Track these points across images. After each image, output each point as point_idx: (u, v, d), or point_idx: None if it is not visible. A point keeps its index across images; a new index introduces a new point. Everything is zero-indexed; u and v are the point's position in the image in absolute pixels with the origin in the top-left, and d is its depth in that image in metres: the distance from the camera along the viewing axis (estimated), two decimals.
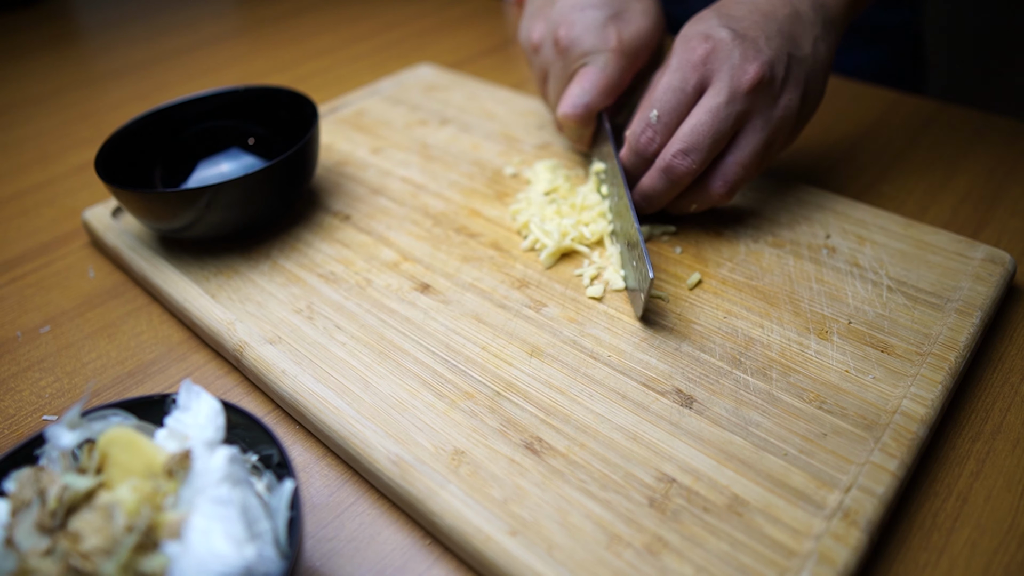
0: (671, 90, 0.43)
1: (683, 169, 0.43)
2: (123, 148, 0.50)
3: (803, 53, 0.43)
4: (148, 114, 0.52)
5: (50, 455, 0.28)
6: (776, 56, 0.42)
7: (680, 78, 0.43)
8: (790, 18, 0.44)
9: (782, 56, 0.42)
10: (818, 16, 0.44)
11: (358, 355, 0.39)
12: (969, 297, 0.40)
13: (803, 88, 0.43)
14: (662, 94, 0.43)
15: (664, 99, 0.43)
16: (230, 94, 0.54)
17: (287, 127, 0.53)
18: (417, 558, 0.32)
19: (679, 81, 0.43)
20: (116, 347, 0.44)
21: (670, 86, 0.43)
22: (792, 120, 0.44)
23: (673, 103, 0.43)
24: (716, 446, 0.33)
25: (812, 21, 0.44)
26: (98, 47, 0.90)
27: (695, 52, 0.42)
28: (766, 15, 0.43)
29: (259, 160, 0.55)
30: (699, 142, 0.42)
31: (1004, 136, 0.59)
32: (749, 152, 0.43)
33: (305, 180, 0.49)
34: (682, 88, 0.42)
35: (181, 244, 0.49)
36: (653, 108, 0.43)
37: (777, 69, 0.42)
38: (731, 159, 0.43)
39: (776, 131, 0.43)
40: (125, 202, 0.45)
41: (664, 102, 0.43)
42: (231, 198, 0.44)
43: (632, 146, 0.45)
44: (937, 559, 0.31)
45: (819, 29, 0.44)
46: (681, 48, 0.43)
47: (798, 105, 0.43)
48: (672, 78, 0.43)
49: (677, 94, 0.43)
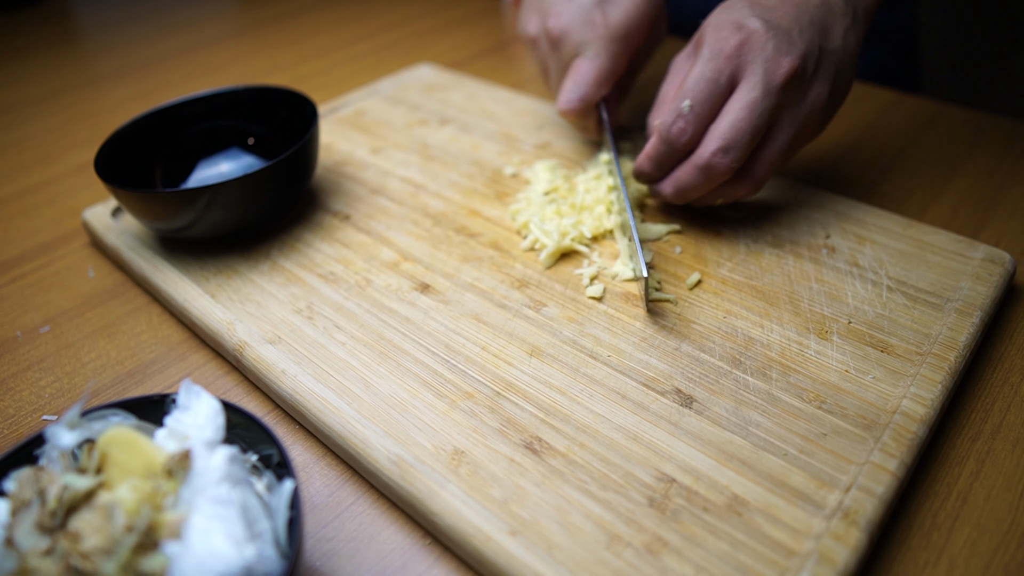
0: (704, 80, 0.42)
1: (723, 167, 0.42)
2: (123, 148, 0.50)
3: (833, 45, 0.43)
4: (148, 114, 0.52)
5: (50, 455, 0.28)
6: (808, 49, 0.42)
7: (713, 68, 0.42)
8: (822, 8, 0.43)
9: (814, 49, 0.42)
10: (848, 6, 0.44)
11: (358, 355, 0.39)
12: (969, 297, 0.40)
13: (832, 81, 0.43)
14: (694, 84, 0.42)
15: (697, 89, 0.42)
16: (230, 94, 0.54)
17: (287, 127, 0.53)
18: (417, 558, 0.32)
19: (712, 72, 0.42)
20: (116, 347, 0.44)
21: (703, 76, 0.42)
22: (819, 114, 0.43)
23: (706, 94, 0.42)
24: (716, 446, 0.33)
25: (843, 11, 0.44)
26: (98, 47, 0.90)
27: (728, 42, 0.42)
28: (798, 5, 0.43)
29: (259, 160, 0.55)
30: (739, 139, 0.41)
31: (1004, 136, 0.59)
32: (779, 147, 0.43)
33: (305, 180, 0.49)
34: (715, 79, 0.42)
35: (181, 244, 0.49)
36: (686, 98, 0.42)
37: (809, 62, 0.42)
38: (763, 155, 0.43)
39: (805, 125, 0.43)
40: (125, 202, 0.45)
41: (697, 92, 0.42)
42: (231, 198, 0.44)
43: (663, 136, 0.44)
44: (937, 559, 0.31)
45: (849, 20, 0.44)
46: (713, 37, 0.43)
47: (826, 99, 0.43)
48: (705, 68, 0.42)
49: (710, 85, 0.42)
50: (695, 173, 0.43)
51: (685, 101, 0.42)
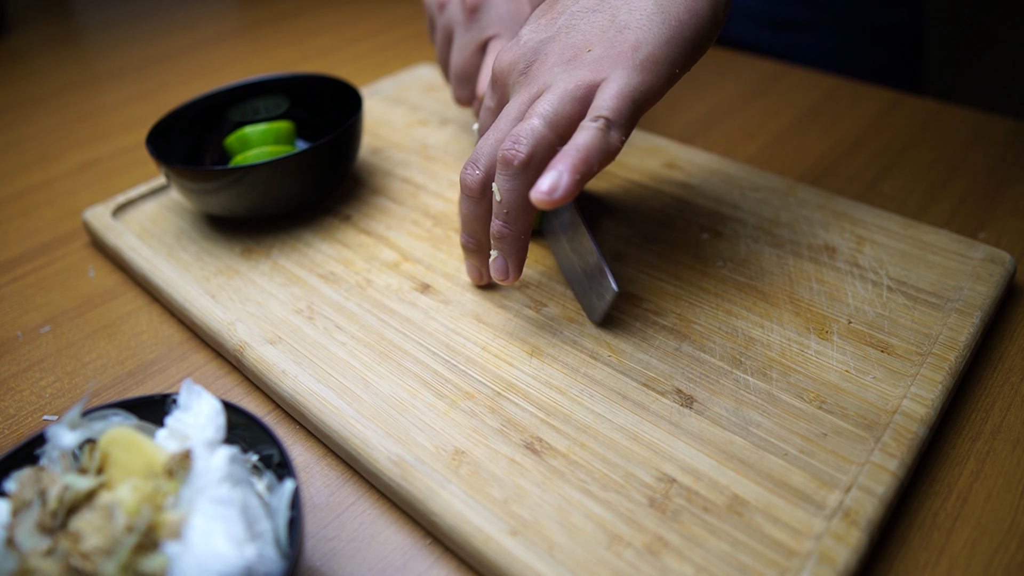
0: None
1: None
2: (170, 130, 0.52)
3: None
4: (196, 100, 0.54)
5: (51, 455, 0.28)
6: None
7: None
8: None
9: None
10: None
11: (358, 355, 0.39)
12: (969, 297, 0.40)
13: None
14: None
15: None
16: (276, 81, 0.56)
17: (329, 115, 0.55)
18: (417, 558, 0.32)
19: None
20: (116, 347, 0.44)
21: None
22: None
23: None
24: (716, 446, 0.33)
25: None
26: (98, 47, 0.90)
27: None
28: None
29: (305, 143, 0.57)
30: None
31: (1004, 136, 0.59)
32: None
33: (350, 161, 0.51)
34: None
35: (181, 244, 0.49)
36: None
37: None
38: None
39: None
40: (183, 179, 0.46)
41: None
42: (287, 175, 0.47)
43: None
44: (937, 559, 0.31)
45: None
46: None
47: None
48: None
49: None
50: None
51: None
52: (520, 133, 0.35)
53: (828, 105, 0.65)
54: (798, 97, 0.67)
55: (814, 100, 0.66)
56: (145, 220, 0.52)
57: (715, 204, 0.49)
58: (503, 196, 0.36)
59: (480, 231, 0.40)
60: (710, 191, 0.51)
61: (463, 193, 0.39)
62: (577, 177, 0.33)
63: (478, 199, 0.38)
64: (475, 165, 0.38)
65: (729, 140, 0.61)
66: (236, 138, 0.51)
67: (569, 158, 0.33)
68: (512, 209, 0.36)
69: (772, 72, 0.71)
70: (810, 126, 0.62)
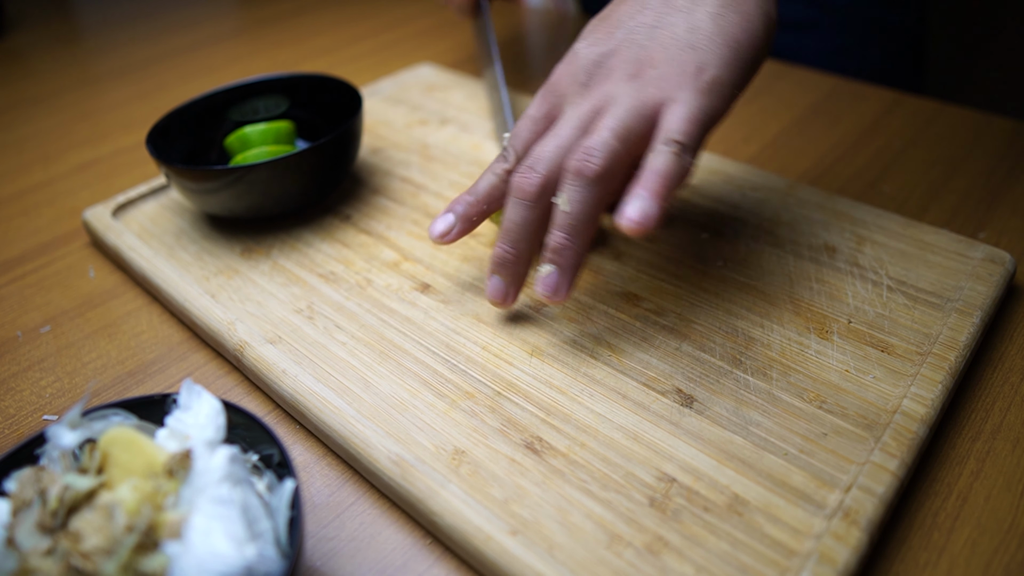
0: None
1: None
2: (170, 130, 0.52)
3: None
4: (196, 100, 0.54)
5: (51, 455, 0.28)
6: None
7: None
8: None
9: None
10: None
11: (358, 355, 0.39)
12: (969, 297, 0.40)
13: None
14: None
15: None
16: (276, 81, 0.56)
17: (329, 115, 0.55)
18: (417, 558, 0.32)
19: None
20: (116, 347, 0.44)
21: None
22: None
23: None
24: (716, 446, 0.33)
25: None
26: (98, 47, 0.90)
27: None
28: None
29: (304, 142, 0.57)
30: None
31: (1004, 136, 0.59)
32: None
33: (351, 160, 0.51)
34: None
35: (181, 244, 0.49)
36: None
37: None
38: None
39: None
40: (185, 178, 0.46)
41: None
42: (285, 174, 0.47)
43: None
44: (937, 559, 0.31)
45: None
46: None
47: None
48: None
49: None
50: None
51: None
52: (593, 145, 0.34)
53: (828, 105, 0.65)
54: (798, 97, 0.67)
55: (814, 100, 0.66)
56: (145, 220, 0.52)
57: (715, 204, 0.49)
58: (572, 207, 0.35)
59: (524, 242, 0.37)
60: (710, 191, 0.51)
61: (515, 198, 0.36)
62: (663, 203, 0.33)
63: (532, 205, 0.36)
64: (533, 170, 0.36)
65: (729, 140, 0.61)
66: (236, 138, 0.51)
67: (651, 184, 0.33)
68: (579, 222, 0.35)
69: (772, 72, 0.71)
70: (810, 126, 0.62)
